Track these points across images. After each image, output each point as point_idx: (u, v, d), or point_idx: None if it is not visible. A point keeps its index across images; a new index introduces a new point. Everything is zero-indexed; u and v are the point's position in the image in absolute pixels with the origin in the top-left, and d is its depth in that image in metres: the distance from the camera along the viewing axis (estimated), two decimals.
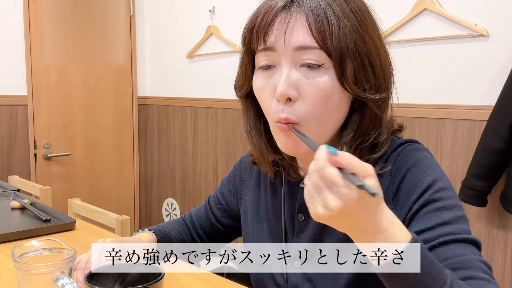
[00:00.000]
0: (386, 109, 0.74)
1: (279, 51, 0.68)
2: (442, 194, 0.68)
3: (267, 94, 0.71)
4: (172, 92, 2.89)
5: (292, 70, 0.68)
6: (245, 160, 0.99)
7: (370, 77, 0.69)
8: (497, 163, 1.48)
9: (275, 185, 0.87)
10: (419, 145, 0.77)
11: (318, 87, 0.67)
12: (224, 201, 1.02)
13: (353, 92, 0.69)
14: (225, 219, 1.02)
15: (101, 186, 2.92)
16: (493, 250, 1.59)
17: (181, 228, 1.04)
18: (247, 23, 0.73)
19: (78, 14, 2.73)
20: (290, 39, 0.67)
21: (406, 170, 0.71)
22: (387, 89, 0.72)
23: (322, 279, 0.77)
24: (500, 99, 1.47)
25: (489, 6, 1.55)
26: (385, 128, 0.74)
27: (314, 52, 0.66)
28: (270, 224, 0.87)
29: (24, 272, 0.70)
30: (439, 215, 0.67)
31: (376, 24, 0.73)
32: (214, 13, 2.52)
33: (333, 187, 0.53)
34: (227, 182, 1.02)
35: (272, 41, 0.68)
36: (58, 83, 2.67)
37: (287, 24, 0.67)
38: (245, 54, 0.75)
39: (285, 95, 0.67)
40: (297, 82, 0.68)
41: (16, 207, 1.44)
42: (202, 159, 2.71)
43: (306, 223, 0.80)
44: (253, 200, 0.91)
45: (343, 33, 0.66)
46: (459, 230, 0.66)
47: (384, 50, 0.73)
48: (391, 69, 0.74)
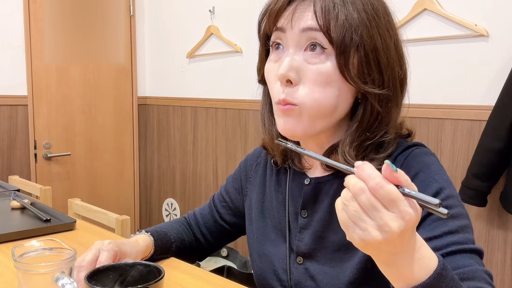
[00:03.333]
0: (392, 108, 0.74)
1: (287, 33, 0.72)
2: (449, 202, 0.69)
3: (273, 77, 0.74)
4: (172, 92, 2.89)
5: (297, 53, 0.71)
6: (250, 157, 1.00)
7: (374, 71, 0.70)
8: (497, 163, 1.48)
9: (280, 181, 0.88)
10: (426, 149, 0.77)
11: (318, 71, 0.69)
12: (229, 199, 1.02)
13: (353, 83, 0.70)
14: (230, 217, 1.02)
15: (101, 186, 2.92)
16: (493, 250, 1.59)
17: (181, 228, 1.04)
18: (263, 9, 0.78)
19: (78, 14, 2.73)
20: (298, 22, 0.70)
21: (414, 174, 0.72)
22: (394, 88, 0.73)
23: (324, 276, 0.78)
24: (500, 99, 1.47)
25: (489, 6, 1.55)
26: (393, 128, 0.75)
27: (317, 36, 0.69)
28: (274, 220, 0.87)
29: (24, 272, 0.70)
30: (446, 223, 0.67)
31: (392, 25, 0.74)
32: (214, 13, 2.52)
33: (393, 206, 0.48)
34: (233, 180, 1.03)
35: (282, 23, 0.72)
36: (58, 83, 2.67)
37: (296, 9, 0.71)
38: (260, 40, 0.80)
39: (286, 76, 0.70)
40: (299, 66, 0.70)
41: (16, 207, 1.44)
42: (202, 159, 2.71)
43: (310, 219, 0.81)
44: (258, 197, 0.92)
45: (348, 23, 0.68)
46: (464, 239, 0.67)
47: (395, 50, 0.73)
48: (404, 71, 0.75)
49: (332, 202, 0.77)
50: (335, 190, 0.78)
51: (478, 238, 1.61)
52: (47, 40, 2.61)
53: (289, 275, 0.83)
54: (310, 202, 0.81)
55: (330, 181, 0.80)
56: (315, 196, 0.81)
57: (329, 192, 0.79)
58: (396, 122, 0.76)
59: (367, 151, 0.73)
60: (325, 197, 0.79)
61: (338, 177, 0.78)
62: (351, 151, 0.72)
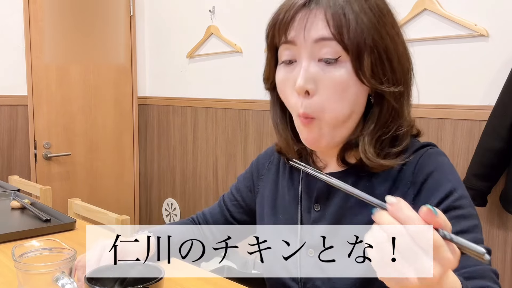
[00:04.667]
0: (405, 102, 0.76)
1: (299, 45, 0.71)
2: (462, 202, 0.72)
3: (289, 88, 0.74)
4: (172, 92, 2.89)
5: (311, 64, 0.71)
6: (262, 156, 1.01)
7: (387, 71, 0.72)
8: (497, 163, 1.48)
9: (293, 178, 0.89)
10: (439, 149, 0.80)
11: (335, 80, 0.70)
12: (240, 197, 1.02)
13: (370, 85, 0.71)
14: (241, 215, 1.03)
15: (101, 186, 2.92)
16: (493, 250, 1.59)
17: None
18: (270, 20, 0.77)
19: (78, 14, 2.73)
20: (309, 32, 0.70)
21: (429, 172, 0.74)
22: (405, 83, 0.75)
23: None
24: (500, 99, 1.47)
25: (489, 6, 1.55)
26: (406, 121, 0.76)
27: (331, 45, 0.69)
28: (286, 215, 0.88)
29: (24, 272, 0.70)
30: (459, 223, 0.69)
31: (396, 21, 0.75)
32: (214, 13, 2.52)
33: (434, 253, 0.46)
34: (244, 179, 1.03)
35: (292, 35, 0.72)
36: (58, 83, 2.67)
37: (306, 20, 0.70)
38: (269, 49, 0.79)
39: (304, 88, 0.70)
40: (315, 76, 0.71)
41: (16, 207, 1.44)
42: (202, 159, 2.71)
43: (323, 213, 0.81)
44: (271, 194, 0.93)
45: (360, 28, 0.68)
46: (475, 239, 0.68)
47: (402, 46, 0.75)
48: (410, 64, 0.77)
49: (346, 196, 0.79)
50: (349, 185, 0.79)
51: None
52: (47, 40, 2.61)
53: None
54: (323, 197, 0.82)
55: (344, 177, 0.80)
56: (329, 190, 0.82)
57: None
58: (409, 115, 0.78)
59: (383, 145, 0.75)
60: (339, 192, 0.80)
61: (353, 173, 0.79)
62: (371, 149, 0.74)
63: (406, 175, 0.75)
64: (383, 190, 0.76)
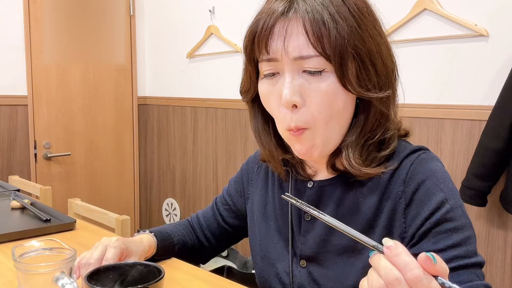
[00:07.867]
0: (391, 105, 0.74)
1: (281, 60, 0.69)
2: (454, 213, 0.69)
3: (274, 101, 0.72)
4: (172, 92, 2.89)
5: (295, 77, 0.69)
6: (252, 160, 0.99)
7: (373, 75, 0.70)
8: (497, 163, 1.48)
9: (282, 184, 0.88)
10: (432, 154, 0.77)
11: (321, 92, 0.68)
12: (232, 202, 1.01)
13: (357, 93, 0.69)
14: (232, 220, 1.02)
15: (101, 186, 2.92)
16: (493, 250, 1.59)
17: (184, 230, 1.04)
18: (248, 31, 0.73)
19: (78, 14, 2.73)
20: (289, 49, 0.67)
21: (420, 181, 0.72)
22: (391, 86, 0.73)
23: (328, 280, 0.77)
24: (500, 99, 1.47)
25: (489, 6, 1.55)
26: (392, 124, 0.75)
27: (313, 60, 0.67)
28: (277, 223, 0.87)
29: (24, 272, 0.70)
30: (450, 236, 0.68)
31: (377, 20, 0.73)
32: (214, 13, 2.52)
33: None
34: (234, 183, 1.02)
35: (273, 51, 0.69)
36: (58, 83, 2.67)
37: (285, 32, 0.67)
38: (248, 62, 0.76)
39: (291, 102, 0.68)
40: (301, 88, 0.69)
41: (16, 207, 1.44)
42: (202, 159, 2.71)
43: (313, 223, 0.80)
44: (260, 200, 0.91)
45: (341, 36, 0.66)
46: (467, 253, 0.68)
47: (385, 45, 0.73)
48: (394, 64, 0.75)
49: (337, 205, 0.77)
50: (339, 193, 0.78)
51: (478, 238, 1.61)
52: (47, 40, 2.61)
53: (292, 278, 0.82)
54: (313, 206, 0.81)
55: (333, 184, 0.79)
56: (319, 199, 0.80)
57: (333, 195, 0.79)
58: (395, 116, 0.76)
59: (370, 149, 0.73)
60: (329, 200, 0.79)
61: (342, 180, 0.78)
62: (355, 154, 0.72)
63: (397, 183, 0.73)
64: (375, 200, 0.74)
